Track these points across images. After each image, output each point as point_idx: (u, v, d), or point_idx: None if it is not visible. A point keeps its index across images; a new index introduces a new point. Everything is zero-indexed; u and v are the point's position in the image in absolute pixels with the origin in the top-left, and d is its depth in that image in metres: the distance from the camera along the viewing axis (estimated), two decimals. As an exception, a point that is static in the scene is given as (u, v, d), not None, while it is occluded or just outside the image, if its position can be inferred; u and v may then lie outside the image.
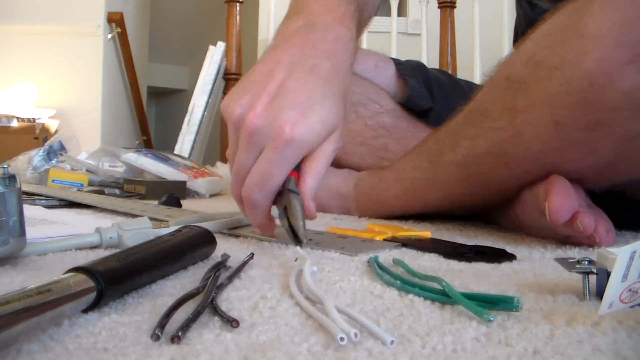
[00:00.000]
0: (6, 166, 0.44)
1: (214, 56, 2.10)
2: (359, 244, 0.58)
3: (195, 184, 1.22)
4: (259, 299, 0.37)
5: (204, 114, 2.01)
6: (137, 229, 0.55)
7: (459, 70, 2.17)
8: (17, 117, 2.35)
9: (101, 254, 0.50)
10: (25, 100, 2.55)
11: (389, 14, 2.09)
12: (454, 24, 2.17)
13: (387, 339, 0.29)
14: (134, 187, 1.16)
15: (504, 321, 0.33)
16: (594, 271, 0.38)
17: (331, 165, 0.93)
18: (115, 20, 2.70)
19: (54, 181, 1.21)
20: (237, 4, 2.18)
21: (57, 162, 1.37)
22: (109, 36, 2.70)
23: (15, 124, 2.34)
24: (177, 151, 1.89)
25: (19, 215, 0.44)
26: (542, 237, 0.66)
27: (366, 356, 0.27)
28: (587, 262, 0.38)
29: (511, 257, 0.54)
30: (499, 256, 0.54)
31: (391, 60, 1.02)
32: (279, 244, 0.59)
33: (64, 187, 1.18)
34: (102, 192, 1.11)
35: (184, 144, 1.96)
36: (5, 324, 0.26)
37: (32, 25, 2.59)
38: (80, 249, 0.53)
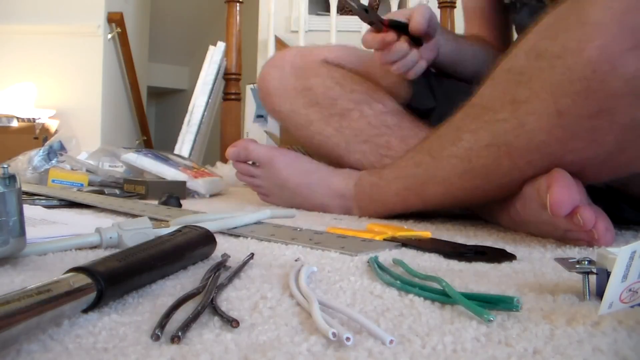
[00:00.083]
0: (6, 166, 0.44)
1: (214, 56, 2.10)
2: (359, 243, 0.58)
3: (195, 184, 1.22)
4: (259, 299, 0.37)
5: (204, 114, 2.01)
6: (137, 229, 0.55)
7: (459, 70, 2.17)
8: (17, 117, 2.35)
9: (101, 254, 0.50)
10: (25, 100, 2.55)
11: (389, 14, 2.09)
12: (454, 24, 2.17)
13: (387, 338, 0.29)
14: (134, 187, 1.16)
15: (504, 321, 0.33)
16: (594, 271, 0.38)
17: (332, 165, 0.94)
18: (115, 20, 2.70)
19: (54, 181, 1.21)
20: (237, 4, 2.18)
21: (57, 162, 1.37)
22: (109, 36, 2.70)
23: (15, 124, 2.34)
24: (177, 151, 1.89)
25: (19, 215, 0.44)
26: (542, 233, 0.66)
27: (366, 356, 0.27)
28: (587, 262, 0.38)
29: (511, 257, 0.54)
30: (499, 256, 0.54)
31: None
32: (279, 244, 0.59)
33: (64, 187, 1.18)
34: (102, 192, 1.11)
35: (184, 144, 1.96)
36: (5, 324, 0.26)
37: (32, 25, 2.59)
38: (80, 249, 0.53)
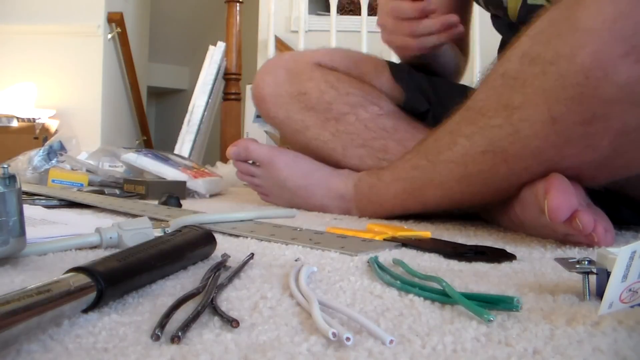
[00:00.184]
0: (6, 166, 0.44)
1: (214, 56, 2.10)
2: (359, 243, 0.58)
3: (195, 184, 1.22)
4: (259, 299, 0.37)
5: (204, 114, 2.01)
6: (137, 229, 0.55)
7: (459, 70, 2.17)
8: (17, 117, 2.35)
9: (101, 254, 0.50)
10: (25, 100, 2.56)
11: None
12: (454, 24, 2.17)
13: (387, 338, 0.29)
14: (134, 187, 1.16)
15: (504, 321, 0.33)
16: (594, 271, 0.38)
17: (331, 166, 0.94)
18: (115, 20, 2.70)
19: (54, 181, 1.21)
20: (237, 4, 2.18)
21: (57, 162, 1.37)
22: (109, 36, 2.70)
23: (15, 124, 2.34)
24: (177, 151, 1.89)
25: (19, 215, 0.44)
26: (542, 235, 0.66)
27: (366, 356, 0.27)
28: (587, 262, 0.38)
29: (511, 257, 0.54)
30: (499, 256, 0.54)
31: (387, 64, 1.02)
32: (279, 244, 0.59)
33: (64, 187, 1.18)
34: (102, 192, 1.11)
35: (184, 144, 1.96)
36: (5, 324, 0.26)
37: (32, 25, 2.59)
38: (80, 249, 0.53)
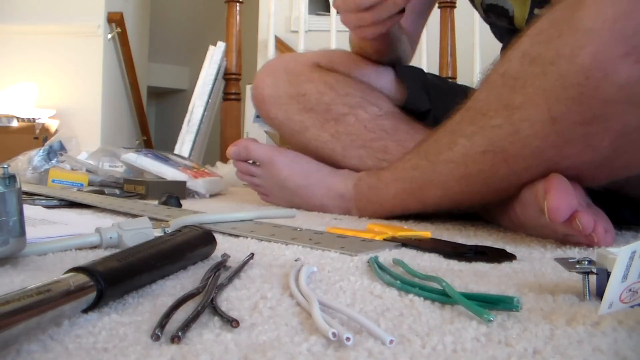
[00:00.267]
0: (6, 166, 0.44)
1: (214, 56, 2.10)
2: (359, 244, 0.58)
3: (195, 184, 1.22)
4: (259, 299, 0.37)
5: (204, 114, 2.01)
6: (137, 229, 0.55)
7: (459, 70, 2.17)
8: (17, 117, 2.36)
9: (101, 254, 0.50)
10: (25, 100, 2.56)
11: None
12: (454, 24, 2.17)
13: (387, 338, 0.29)
14: (134, 187, 1.16)
15: (504, 321, 0.33)
16: (594, 271, 0.38)
17: (330, 166, 0.94)
18: (115, 20, 2.70)
19: (54, 181, 1.21)
20: (237, 4, 2.18)
21: (57, 162, 1.37)
22: (109, 36, 2.70)
23: (15, 124, 2.34)
24: (177, 151, 1.88)
25: (19, 215, 0.44)
26: (542, 236, 0.66)
27: (366, 356, 0.27)
28: (587, 262, 0.38)
29: (511, 257, 0.54)
30: (499, 256, 0.54)
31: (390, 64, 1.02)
32: (279, 244, 0.59)
33: (64, 187, 1.18)
34: (102, 192, 1.11)
35: (184, 144, 1.96)
36: (5, 324, 0.26)
37: (32, 25, 2.59)
38: (80, 249, 0.53)
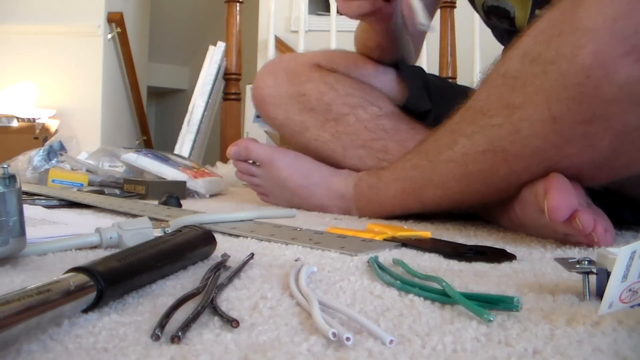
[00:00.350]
0: (6, 166, 0.44)
1: (214, 56, 2.10)
2: (359, 243, 0.58)
3: (195, 184, 1.22)
4: (259, 299, 0.37)
5: (204, 114, 2.01)
6: (137, 229, 0.55)
7: (459, 70, 2.17)
8: (17, 117, 2.35)
9: (101, 254, 0.50)
10: (25, 100, 2.56)
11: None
12: (454, 24, 2.17)
13: (387, 338, 0.29)
14: (134, 187, 1.16)
15: (504, 321, 0.33)
16: (594, 271, 0.38)
17: (331, 166, 0.94)
18: (115, 20, 2.70)
19: (54, 181, 1.21)
20: (237, 4, 2.18)
21: (57, 162, 1.37)
22: (109, 36, 2.70)
23: (15, 124, 2.34)
24: (177, 151, 1.89)
25: (19, 215, 0.44)
26: (542, 235, 0.66)
27: (366, 356, 0.27)
28: (587, 262, 0.38)
29: (511, 257, 0.54)
30: (499, 256, 0.54)
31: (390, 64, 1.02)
32: (279, 244, 0.59)
33: (64, 187, 1.18)
34: (102, 192, 1.11)
35: (184, 144, 1.96)
36: (5, 324, 0.26)
37: (32, 25, 2.59)
38: (80, 249, 0.53)
